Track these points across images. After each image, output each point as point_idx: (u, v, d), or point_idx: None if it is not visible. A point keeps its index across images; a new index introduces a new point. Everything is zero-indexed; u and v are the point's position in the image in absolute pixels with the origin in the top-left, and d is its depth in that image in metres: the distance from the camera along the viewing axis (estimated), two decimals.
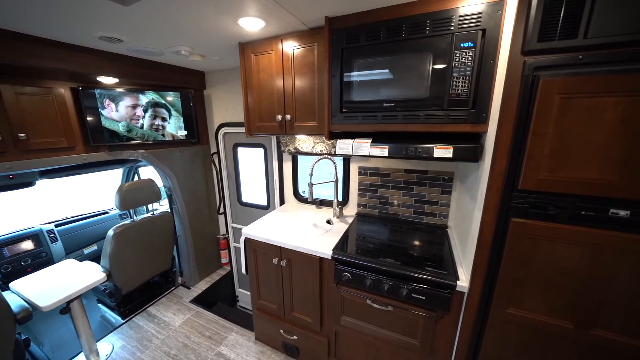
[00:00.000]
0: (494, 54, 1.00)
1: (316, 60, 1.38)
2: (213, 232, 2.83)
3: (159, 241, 2.27)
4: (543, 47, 0.83)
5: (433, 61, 1.09)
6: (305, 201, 2.24)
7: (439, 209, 1.77)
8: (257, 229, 1.71)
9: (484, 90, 1.04)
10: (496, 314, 1.08)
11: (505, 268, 1.02)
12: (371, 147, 1.26)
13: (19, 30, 1.30)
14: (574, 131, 0.84)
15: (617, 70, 0.77)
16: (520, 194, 0.95)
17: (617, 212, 0.85)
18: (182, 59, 1.90)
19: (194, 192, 2.55)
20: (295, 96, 1.51)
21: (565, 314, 0.98)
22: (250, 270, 1.75)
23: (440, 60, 1.08)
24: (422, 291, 1.21)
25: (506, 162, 0.95)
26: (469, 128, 1.10)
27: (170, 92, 2.19)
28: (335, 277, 1.41)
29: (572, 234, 0.91)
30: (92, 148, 1.90)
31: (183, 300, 2.47)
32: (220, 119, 2.49)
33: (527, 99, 0.87)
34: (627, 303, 0.89)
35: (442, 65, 1.08)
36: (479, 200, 1.10)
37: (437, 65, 1.09)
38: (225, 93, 2.36)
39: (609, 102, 0.79)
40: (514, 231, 0.98)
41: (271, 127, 1.64)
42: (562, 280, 0.95)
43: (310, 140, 1.98)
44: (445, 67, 1.07)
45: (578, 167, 0.86)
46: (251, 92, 1.64)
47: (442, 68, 1.08)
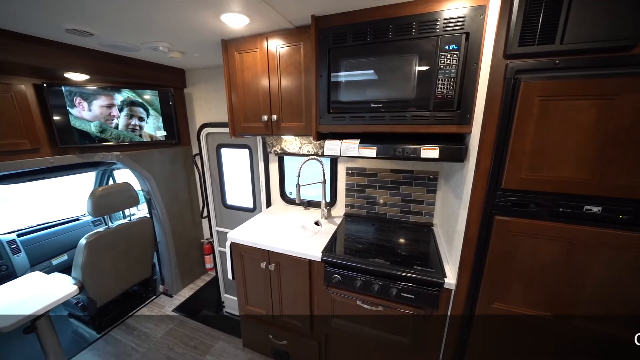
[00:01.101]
0: (477, 57, 1.03)
1: (303, 59, 1.36)
2: (196, 237, 2.72)
3: (137, 248, 2.15)
4: (524, 51, 0.86)
5: (419, 63, 1.10)
6: (293, 203, 2.20)
7: (424, 207, 1.81)
8: (243, 233, 1.66)
9: (468, 92, 1.07)
10: (483, 309, 1.11)
11: (491, 264, 1.05)
12: (359, 147, 1.26)
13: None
14: (552, 132, 0.88)
15: (590, 75, 0.82)
16: (503, 192, 0.98)
17: (591, 209, 0.90)
18: (160, 56, 1.81)
19: (175, 195, 2.44)
20: (281, 96, 1.47)
21: (546, 306, 1.02)
22: (237, 275, 1.70)
23: (425, 62, 1.09)
24: (412, 290, 1.23)
25: (490, 162, 0.98)
26: (454, 129, 1.12)
27: (148, 91, 2.08)
28: (325, 280, 1.40)
29: (550, 230, 0.95)
30: (60, 150, 1.76)
31: (165, 309, 2.36)
32: (202, 119, 2.39)
33: (509, 101, 0.90)
34: (599, 292, 0.95)
35: (428, 67, 1.09)
36: (465, 199, 1.13)
37: (422, 67, 1.10)
38: (208, 92, 2.28)
39: (583, 104, 0.83)
40: (498, 229, 1.01)
41: (257, 127, 1.60)
42: (542, 274, 1.00)
43: (297, 140, 1.95)
44: (431, 69, 1.09)
45: (556, 166, 0.90)
46: (235, 91, 1.59)
47: (427, 70, 1.09)
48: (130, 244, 2.08)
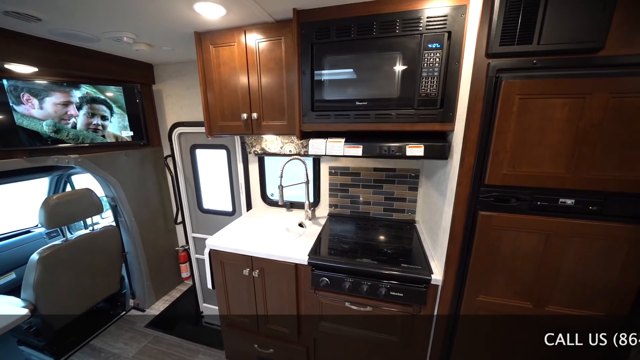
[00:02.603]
0: (458, 56, 1.05)
1: (284, 55, 1.30)
2: (170, 245, 2.54)
3: (102, 261, 1.94)
4: (505, 50, 0.88)
5: (403, 61, 1.10)
6: (275, 204, 2.13)
7: (407, 205, 1.83)
8: (223, 239, 1.56)
9: (451, 90, 1.09)
10: (468, 302, 1.14)
11: (476, 258, 1.08)
12: (345, 146, 1.23)
13: None
14: (531, 129, 0.91)
15: (564, 75, 0.86)
16: (486, 188, 1.01)
17: (565, 201, 0.95)
18: (125, 48, 1.64)
19: (145, 200, 2.24)
20: (261, 93, 1.40)
21: (526, 296, 1.07)
22: (218, 284, 1.59)
23: (410, 60, 1.09)
24: (400, 288, 1.23)
25: (474, 158, 1.00)
26: (438, 127, 1.14)
27: (112, 87, 1.89)
28: (312, 283, 1.35)
29: (530, 223, 0.99)
30: (3, 154, 1.53)
31: (137, 325, 2.16)
32: (174, 118, 2.23)
33: (491, 99, 0.93)
34: (572, 279, 1.01)
35: (412, 65, 1.09)
36: (449, 196, 1.14)
37: (407, 65, 1.10)
38: (179, 89, 2.12)
39: (557, 103, 0.87)
40: (482, 224, 1.03)
41: (235, 126, 1.51)
42: (522, 265, 1.04)
43: (278, 140, 1.89)
44: (415, 67, 1.09)
45: (534, 162, 0.94)
46: (211, 88, 1.48)
47: (411, 68, 1.10)
48: (93, 256, 1.87)
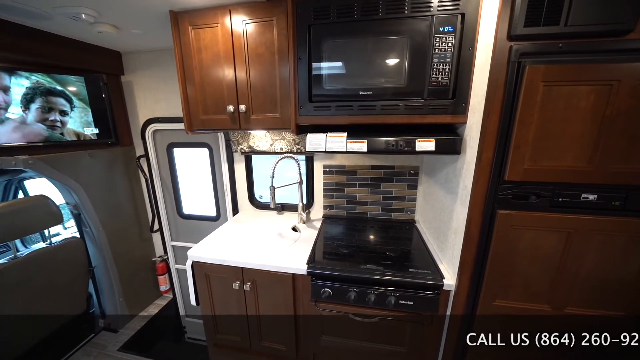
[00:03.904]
0: (472, 41, 0.96)
1: (276, 38, 1.15)
2: (146, 255, 2.28)
3: (63, 279, 1.67)
4: (530, 32, 0.80)
5: (412, 45, 0.99)
6: (264, 207, 1.96)
7: (406, 204, 1.75)
8: (207, 249, 1.38)
9: (463, 79, 1.00)
10: (484, 308, 1.06)
11: (493, 261, 0.99)
12: (348, 142, 1.10)
13: None
14: (554, 120, 0.84)
15: (591, 60, 0.79)
16: (505, 185, 0.93)
17: (587, 197, 0.89)
18: (85, 30, 1.40)
19: (115, 207, 1.98)
20: (250, 82, 1.24)
21: (544, 298, 1.01)
22: (203, 300, 1.40)
23: (419, 45, 0.98)
24: (410, 296, 1.12)
25: (493, 153, 0.91)
26: (449, 119, 1.05)
27: (71, 77, 1.63)
28: (312, 295, 1.21)
29: (550, 221, 0.92)
30: None
31: (108, 349, 1.90)
32: (147, 113, 1.99)
33: (513, 86, 0.84)
34: (592, 278, 0.95)
35: (422, 51, 0.99)
36: (461, 194, 1.06)
37: (416, 51, 0.99)
38: (154, 81, 1.89)
39: (583, 91, 0.80)
40: (501, 223, 0.95)
41: (220, 120, 1.33)
42: (542, 266, 0.97)
43: (267, 137, 1.72)
44: (425, 53, 0.99)
45: (557, 155, 0.87)
46: (191, 77, 1.29)
47: (421, 54, 0.99)
48: (51, 274, 1.60)
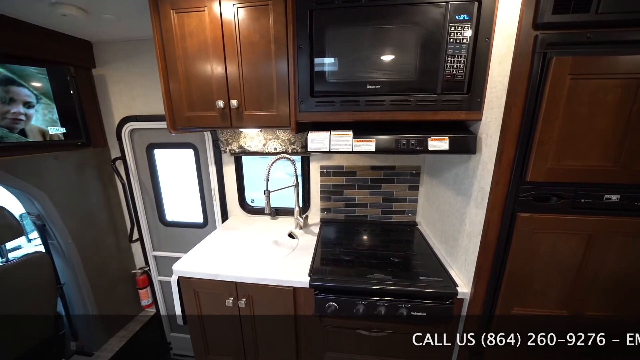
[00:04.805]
0: (489, 31, 0.89)
1: (273, 25, 1.02)
2: (125, 268, 2.07)
3: (25, 300, 1.46)
4: (558, 20, 0.73)
5: (425, 35, 0.91)
6: (256, 212, 1.83)
7: (406, 205, 1.68)
8: (196, 262, 1.23)
9: (479, 72, 0.92)
10: (502, 316, 0.99)
11: (512, 267, 0.93)
12: (354, 141, 1.00)
13: None
14: (579, 116, 0.78)
15: (620, 51, 0.74)
16: (526, 186, 0.87)
17: (610, 197, 0.84)
18: (46, 12, 1.20)
19: (87, 215, 1.77)
20: (243, 74, 1.11)
21: (562, 303, 0.96)
22: (192, 319, 1.25)
23: (433, 34, 0.90)
24: (422, 306, 1.04)
25: (514, 152, 0.84)
26: (463, 115, 0.97)
27: (30, 67, 1.41)
28: (316, 310, 1.10)
29: (572, 224, 0.87)
30: None
31: None
32: (123, 111, 1.79)
33: (538, 79, 0.78)
34: (612, 281, 0.91)
35: (435, 41, 0.90)
36: (476, 196, 0.99)
37: (429, 40, 0.91)
38: (131, 74, 1.70)
39: (610, 85, 0.75)
40: (522, 227, 0.89)
41: (208, 117, 1.19)
42: (560, 271, 0.92)
43: (260, 136, 1.59)
44: (439, 43, 0.90)
45: (581, 154, 0.81)
46: (173, 68, 1.14)
47: (435, 43, 0.91)
48: (10, 296, 1.38)
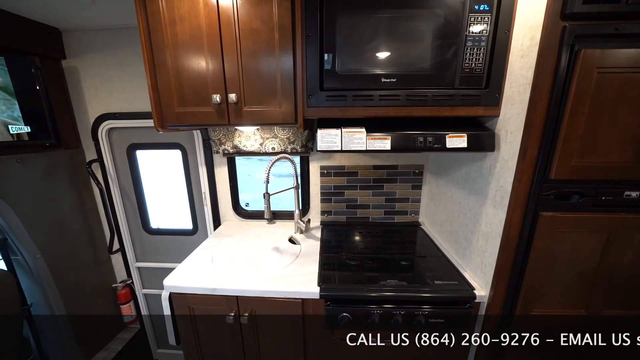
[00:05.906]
0: (509, 23, 0.85)
1: (277, 10, 0.93)
2: (104, 282, 1.87)
3: None
4: (588, 9, 0.70)
5: (444, 24, 0.85)
6: (251, 217, 1.71)
7: (409, 205, 1.65)
8: (189, 274, 1.11)
9: (498, 66, 0.88)
10: (521, 318, 0.96)
11: (533, 267, 0.90)
12: (368, 138, 0.93)
13: None
14: (605, 111, 0.75)
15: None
16: (549, 184, 0.83)
17: (630, 194, 0.83)
18: None
19: (58, 226, 1.57)
20: (242, 65, 1.00)
21: (581, 303, 0.94)
22: (186, 339, 1.12)
23: (452, 24, 0.85)
24: (440, 312, 0.99)
25: (538, 149, 0.81)
26: (481, 111, 0.93)
27: None
28: (327, 322, 1.02)
29: (592, 222, 0.85)
30: None
31: None
32: (100, 108, 1.61)
33: (564, 73, 0.74)
34: (630, 278, 0.90)
35: (454, 31, 0.85)
36: (494, 195, 0.95)
37: (448, 30, 0.85)
38: (108, 67, 1.53)
39: (637, 79, 0.73)
40: (544, 226, 0.85)
41: (203, 113, 1.07)
42: (579, 270, 0.90)
43: (257, 134, 1.48)
44: (458, 34, 0.85)
45: (604, 150, 0.79)
46: (161, 58, 1.01)
47: (454, 34, 0.85)
48: None
